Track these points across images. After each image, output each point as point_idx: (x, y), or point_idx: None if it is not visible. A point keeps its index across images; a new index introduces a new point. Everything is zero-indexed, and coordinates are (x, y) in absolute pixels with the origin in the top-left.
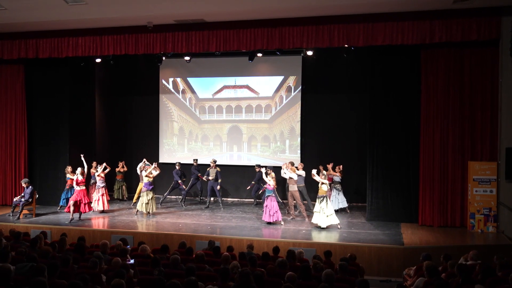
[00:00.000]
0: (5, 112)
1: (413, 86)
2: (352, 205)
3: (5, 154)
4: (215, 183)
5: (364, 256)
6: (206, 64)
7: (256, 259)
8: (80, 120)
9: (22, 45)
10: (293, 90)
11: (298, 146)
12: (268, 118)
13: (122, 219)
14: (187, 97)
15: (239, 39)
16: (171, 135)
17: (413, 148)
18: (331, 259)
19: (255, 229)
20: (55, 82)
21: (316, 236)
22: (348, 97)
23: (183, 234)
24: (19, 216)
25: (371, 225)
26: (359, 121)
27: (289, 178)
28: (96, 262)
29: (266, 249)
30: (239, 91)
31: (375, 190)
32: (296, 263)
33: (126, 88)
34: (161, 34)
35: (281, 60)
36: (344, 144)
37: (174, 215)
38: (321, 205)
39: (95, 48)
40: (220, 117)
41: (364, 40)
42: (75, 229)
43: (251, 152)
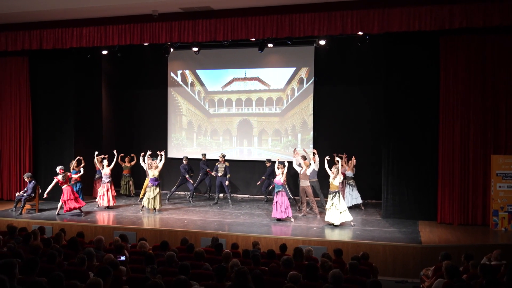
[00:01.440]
0: (10, 105)
1: (431, 76)
2: (366, 202)
3: (9, 148)
4: (224, 178)
5: (378, 255)
6: (215, 56)
7: (259, 257)
8: (86, 113)
9: (26, 36)
10: (305, 82)
11: (310, 140)
12: (279, 111)
13: (127, 215)
14: (196, 90)
15: (248, 27)
16: (179, 129)
17: (431, 141)
18: (342, 258)
19: (263, 226)
20: (60, 75)
21: (328, 234)
22: (363, 89)
23: (187, 230)
24: (21, 211)
25: (387, 223)
26: (373, 114)
27: (301, 173)
28: (84, 258)
29: (274, 247)
30: (249, 83)
31: (391, 186)
32: (303, 261)
33: (134, 81)
34: (167, 23)
35: (292, 51)
36: (358, 138)
37: (180, 211)
38: (333, 201)
39: (100, 38)
40: (230, 110)
41: (379, 26)
42: (77, 225)
43: (261, 146)
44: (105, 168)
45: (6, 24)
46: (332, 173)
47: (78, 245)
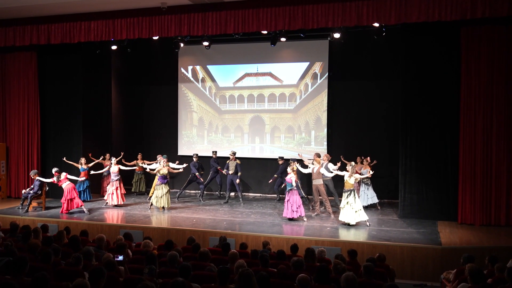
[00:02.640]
0: (18, 101)
1: (451, 69)
2: (383, 201)
3: (17, 144)
4: (235, 176)
5: (395, 257)
6: (227, 51)
7: (268, 258)
8: (95, 110)
9: (34, 31)
10: (319, 77)
11: (324, 137)
12: (292, 108)
13: (135, 213)
14: (207, 86)
15: (259, 20)
16: (190, 126)
17: (451, 137)
18: (357, 259)
19: (275, 226)
20: (69, 70)
21: (342, 234)
22: (379, 84)
23: (195, 229)
24: (28, 209)
25: (404, 223)
26: (390, 110)
27: (313, 171)
28: (80, 258)
29: (285, 248)
30: (261, 79)
31: (409, 184)
32: (315, 263)
33: (144, 77)
34: (176, 16)
35: (306, 45)
36: (374, 135)
37: (190, 210)
38: (348, 200)
39: (108, 32)
40: (242, 106)
41: (396, 17)
42: (83, 223)
43: (274, 144)
44: (113, 166)
45: (14, 19)
46: (347, 171)
47: (79, 244)
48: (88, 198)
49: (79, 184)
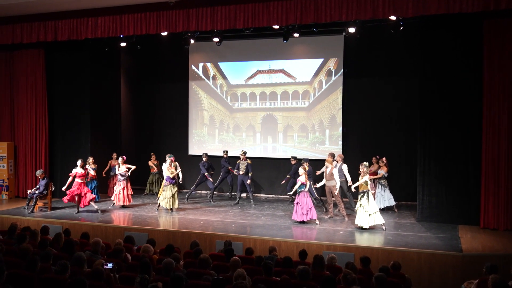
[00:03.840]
0: (26, 99)
1: (473, 65)
2: (400, 204)
3: (25, 144)
4: (246, 177)
5: (412, 264)
6: (238, 47)
7: (271, 266)
8: (104, 108)
9: (41, 28)
10: (333, 74)
11: (339, 136)
12: (306, 106)
13: (141, 214)
14: (218, 84)
15: (269, 13)
16: (201, 125)
17: (473, 137)
18: (370, 267)
19: (285, 229)
20: (77, 68)
21: (356, 239)
22: (396, 81)
23: (202, 232)
24: (33, 209)
25: (422, 227)
26: (408, 108)
27: (326, 172)
28: (66, 266)
29: (295, 253)
30: (274, 76)
31: (427, 186)
32: (324, 271)
33: (153, 75)
34: (184, 11)
35: (320, 40)
36: (391, 134)
37: (198, 211)
38: (362, 202)
39: (115, 28)
40: (254, 105)
41: (414, 9)
42: (87, 225)
43: (287, 143)
44: (121, 166)
45: (21, 16)
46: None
47: (74, 248)
48: (96, 199)
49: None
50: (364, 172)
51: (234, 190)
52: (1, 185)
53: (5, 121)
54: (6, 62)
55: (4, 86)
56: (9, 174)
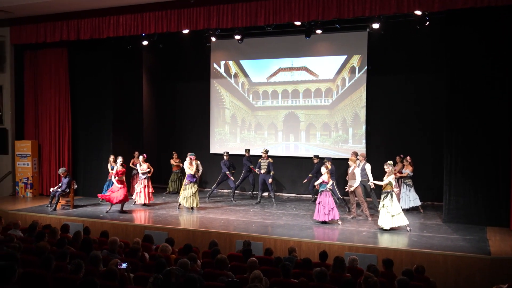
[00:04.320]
0: (49, 98)
1: (502, 60)
2: (426, 204)
3: (49, 142)
4: (267, 176)
5: (437, 267)
6: (260, 45)
7: (290, 267)
8: (126, 107)
9: (64, 27)
10: (357, 71)
11: (363, 135)
12: (328, 104)
13: (162, 213)
14: (240, 82)
15: (291, 10)
16: (222, 123)
17: (503, 134)
18: (392, 270)
19: (306, 229)
20: (100, 67)
21: (379, 240)
22: (422, 78)
23: (222, 232)
24: (56, 207)
25: (449, 228)
26: (435, 105)
27: (349, 171)
28: (80, 265)
29: (316, 254)
30: (296, 73)
31: (454, 186)
32: (344, 273)
33: (175, 73)
34: (205, 8)
35: (343, 37)
36: (416, 133)
37: (219, 210)
38: (384, 203)
39: (136, 26)
40: (275, 103)
41: (441, 3)
42: (108, 223)
43: (309, 142)
44: (142, 164)
45: (44, 15)
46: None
47: (92, 247)
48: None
49: (108, 182)
50: (389, 171)
51: (255, 189)
52: (25, 183)
53: (29, 119)
54: (30, 61)
55: (28, 85)
56: (33, 172)
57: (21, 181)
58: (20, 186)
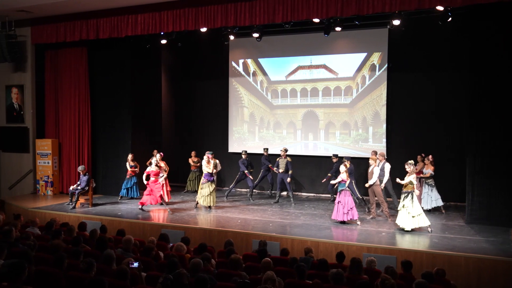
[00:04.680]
0: (69, 97)
1: None
2: (448, 204)
3: (69, 140)
4: (285, 175)
5: (459, 269)
6: (279, 43)
7: (304, 269)
8: (144, 105)
9: (83, 26)
10: (377, 69)
11: (383, 134)
12: (348, 102)
13: (179, 212)
14: (258, 80)
15: (309, 7)
16: (241, 122)
17: None
18: (411, 272)
19: (324, 229)
20: (119, 66)
21: (399, 241)
22: (444, 76)
23: (238, 231)
24: (75, 205)
25: (471, 230)
26: (457, 104)
27: (369, 170)
28: (91, 264)
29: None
30: (315, 71)
31: (477, 186)
32: (361, 275)
33: (194, 72)
34: (222, 6)
35: (363, 34)
36: (439, 131)
37: (237, 209)
38: (405, 203)
39: (154, 25)
40: (294, 101)
41: None
42: (125, 221)
43: (328, 140)
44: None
45: (64, 15)
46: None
47: (107, 245)
48: (135, 195)
49: (126, 181)
50: (410, 171)
51: (274, 188)
52: (46, 181)
53: (50, 118)
54: (51, 61)
55: (49, 84)
56: (54, 171)
57: (42, 179)
58: (41, 184)
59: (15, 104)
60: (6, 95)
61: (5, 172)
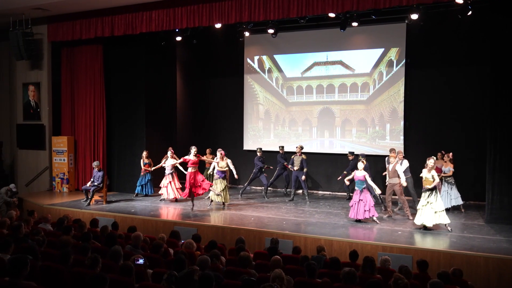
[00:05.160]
0: (85, 94)
1: None
2: (468, 203)
3: (84, 138)
4: (300, 172)
5: (478, 270)
6: (294, 39)
7: (315, 267)
8: (159, 103)
9: (98, 23)
10: (395, 65)
11: (401, 131)
12: (365, 99)
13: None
14: (274, 77)
15: (324, 1)
16: (256, 119)
17: None
18: (427, 272)
19: (338, 228)
20: (134, 63)
21: (416, 240)
22: (463, 71)
23: (251, 229)
24: (90, 202)
25: (491, 229)
26: (476, 100)
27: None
28: (96, 260)
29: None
30: (331, 68)
31: (498, 185)
32: (374, 275)
33: (209, 69)
34: (236, 1)
35: (380, 29)
36: (458, 128)
37: (251, 207)
38: (429, 199)
39: (168, 21)
40: (310, 98)
41: None
42: (138, 218)
43: (345, 138)
44: (169, 159)
45: (80, 12)
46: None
47: (116, 242)
48: (149, 192)
49: (141, 178)
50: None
51: (289, 186)
52: (61, 178)
53: (66, 116)
54: (67, 58)
55: (65, 81)
56: (69, 168)
57: (58, 177)
58: (57, 181)
59: (31, 101)
60: (23, 93)
61: (22, 169)
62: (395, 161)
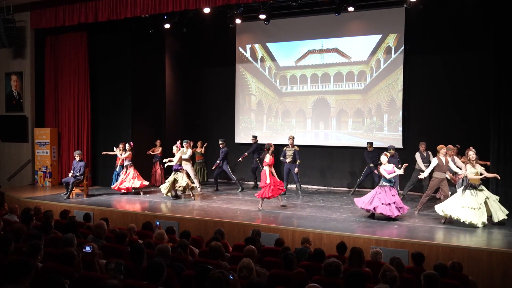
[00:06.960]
0: (69, 83)
1: None
2: None
3: (68, 130)
4: (293, 165)
5: (480, 265)
6: (288, 26)
7: (293, 258)
8: (147, 93)
9: (82, 9)
10: (393, 52)
11: (399, 121)
12: (361, 88)
13: (177, 202)
14: (266, 66)
15: None
16: (248, 110)
17: None
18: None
19: (329, 221)
20: (120, 51)
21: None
22: (465, 57)
23: (235, 222)
24: (69, 195)
25: None
26: (479, 87)
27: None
28: (37, 247)
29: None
30: (326, 56)
31: (502, 175)
32: (362, 268)
33: (199, 58)
34: None
35: (378, 14)
36: (460, 118)
37: (239, 200)
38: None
39: (154, 5)
40: (304, 88)
41: None
42: (117, 211)
43: (340, 129)
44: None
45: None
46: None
47: (75, 230)
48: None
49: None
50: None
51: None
52: (44, 172)
53: (50, 106)
54: (51, 47)
55: (49, 71)
56: (52, 161)
57: (40, 170)
58: (39, 175)
59: (14, 92)
60: (5, 83)
61: (5, 162)
62: (444, 156)
